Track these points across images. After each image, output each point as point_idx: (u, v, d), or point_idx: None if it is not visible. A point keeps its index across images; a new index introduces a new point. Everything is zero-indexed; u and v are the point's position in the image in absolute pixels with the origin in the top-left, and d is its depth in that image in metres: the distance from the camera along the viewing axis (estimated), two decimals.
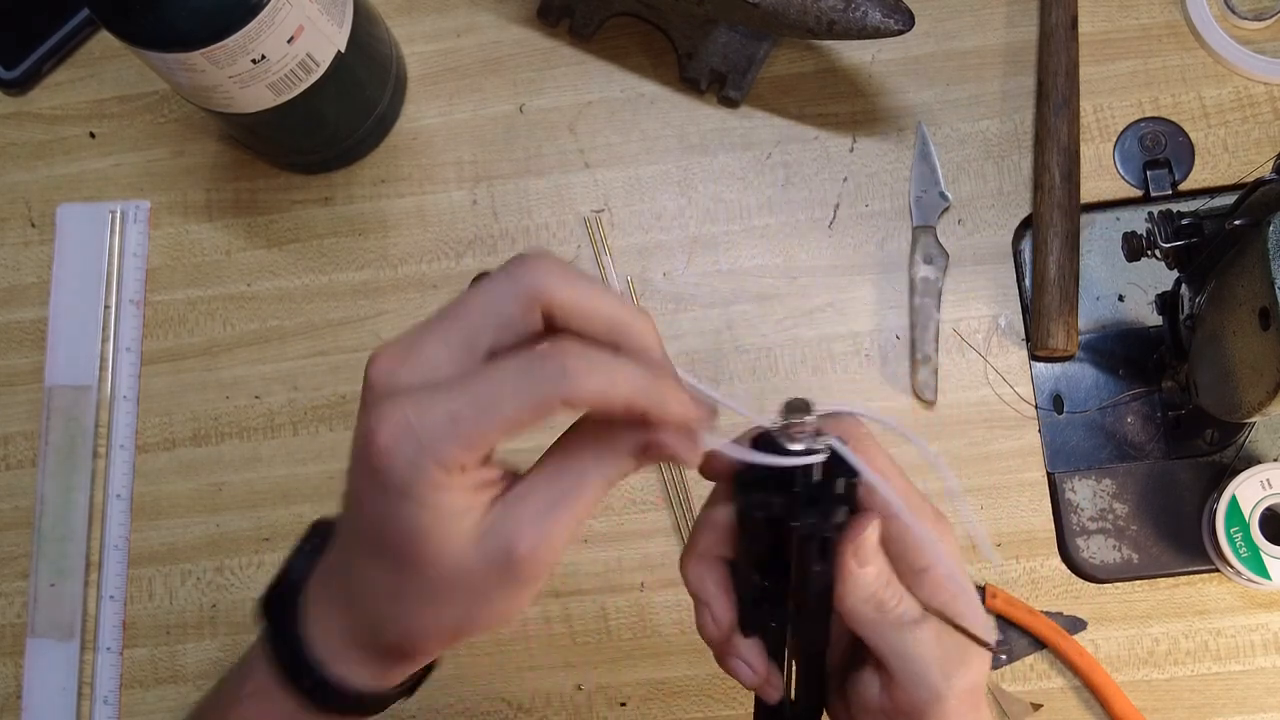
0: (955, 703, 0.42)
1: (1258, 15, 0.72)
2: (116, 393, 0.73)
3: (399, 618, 0.40)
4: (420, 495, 0.37)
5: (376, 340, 0.73)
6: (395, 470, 0.37)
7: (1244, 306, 0.54)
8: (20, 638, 0.72)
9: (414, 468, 0.37)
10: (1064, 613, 0.67)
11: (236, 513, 0.72)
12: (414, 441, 0.37)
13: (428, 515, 0.38)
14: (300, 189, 0.75)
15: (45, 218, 0.76)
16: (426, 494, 0.37)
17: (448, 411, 0.37)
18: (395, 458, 0.37)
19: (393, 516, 0.38)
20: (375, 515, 0.39)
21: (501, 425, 0.37)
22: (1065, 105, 0.70)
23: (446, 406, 0.37)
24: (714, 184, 0.73)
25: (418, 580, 0.39)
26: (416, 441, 0.37)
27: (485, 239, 0.73)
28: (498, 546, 0.38)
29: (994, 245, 0.71)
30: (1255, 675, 0.66)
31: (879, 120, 0.73)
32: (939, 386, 0.70)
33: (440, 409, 0.37)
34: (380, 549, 0.40)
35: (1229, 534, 0.64)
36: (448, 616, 0.40)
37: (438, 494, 0.37)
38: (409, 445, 0.37)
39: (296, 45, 0.62)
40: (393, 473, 0.37)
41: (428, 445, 0.36)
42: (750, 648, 0.44)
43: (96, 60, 0.78)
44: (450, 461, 0.37)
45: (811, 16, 0.65)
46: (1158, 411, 0.69)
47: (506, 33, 0.76)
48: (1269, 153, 0.70)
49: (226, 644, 0.71)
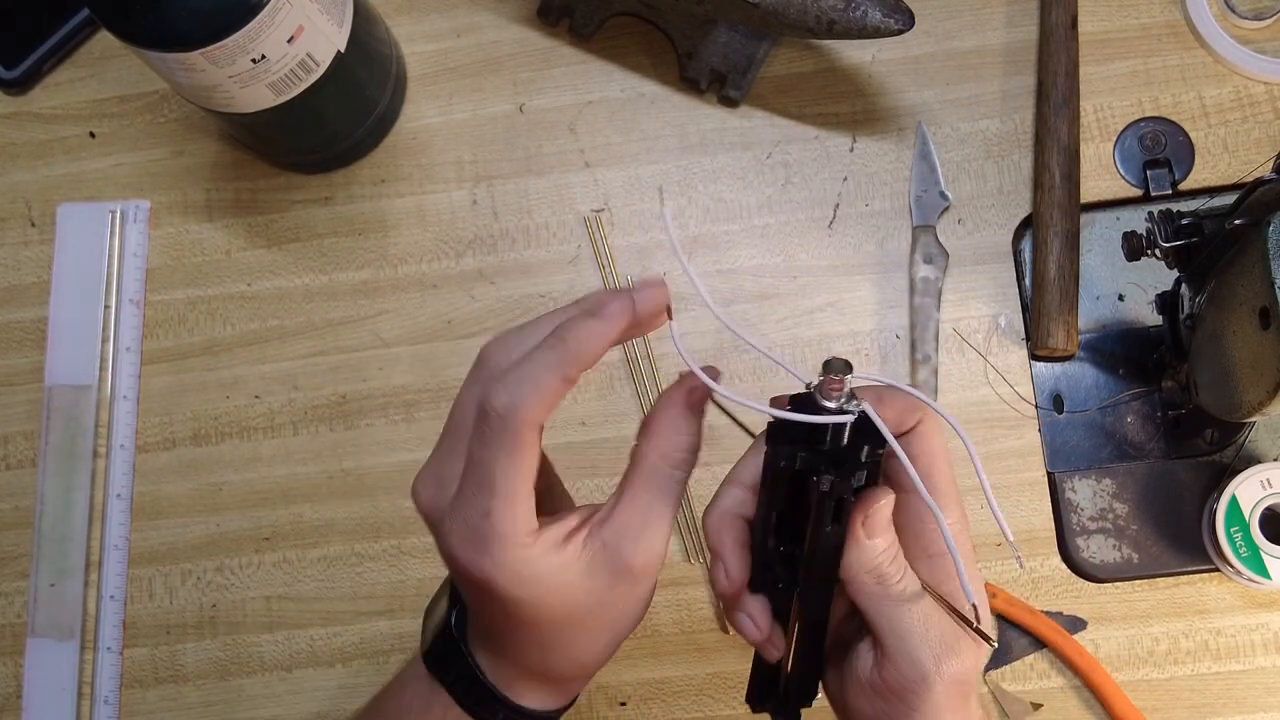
0: (942, 688, 0.43)
1: (1258, 15, 0.72)
2: (116, 393, 0.73)
3: (559, 662, 0.45)
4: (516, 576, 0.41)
5: (377, 340, 0.73)
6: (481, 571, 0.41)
7: (1244, 306, 0.54)
8: (20, 638, 0.72)
9: (495, 563, 0.41)
10: (1064, 612, 0.67)
11: (236, 513, 0.72)
12: (478, 540, 0.41)
13: (530, 586, 0.42)
14: (300, 189, 0.75)
15: (45, 218, 0.76)
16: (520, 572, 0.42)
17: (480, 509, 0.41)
18: (474, 563, 0.42)
19: (509, 601, 0.42)
20: (493, 605, 0.43)
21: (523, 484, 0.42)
22: (1065, 105, 0.70)
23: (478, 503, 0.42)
24: (714, 183, 0.73)
25: (557, 627, 0.43)
26: (481, 539, 0.41)
27: (485, 239, 0.74)
28: (615, 568, 0.42)
29: (994, 245, 0.71)
30: (1255, 675, 0.66)
31: (879, 120, 0.73)
32: (939, 386, 0.70)
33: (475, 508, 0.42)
34: (515, 625, 0.43)
35: (1229, 534, 0.64)
36: (601, 641, 0.44)
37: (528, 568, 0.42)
38: (476, 544, 0.41)
39: (296, 45, 0.62)
40: (481, 574, 0.42)
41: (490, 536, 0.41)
42: (757, 605, 0.45)
43: (96, 60, 0.78)
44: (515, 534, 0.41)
45: (811, 16, 0.65)
46: (1158, 411, 0.69)
47: (506, 32, 0.76)
48: (1269, 152, 0.70)
49: (226, 644, 0.71)
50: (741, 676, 0.68)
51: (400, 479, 0.72)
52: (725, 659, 0.69)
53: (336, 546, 0.71)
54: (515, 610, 0.42)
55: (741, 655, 0.68)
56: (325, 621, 0.71)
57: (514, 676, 0.45)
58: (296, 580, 0.71)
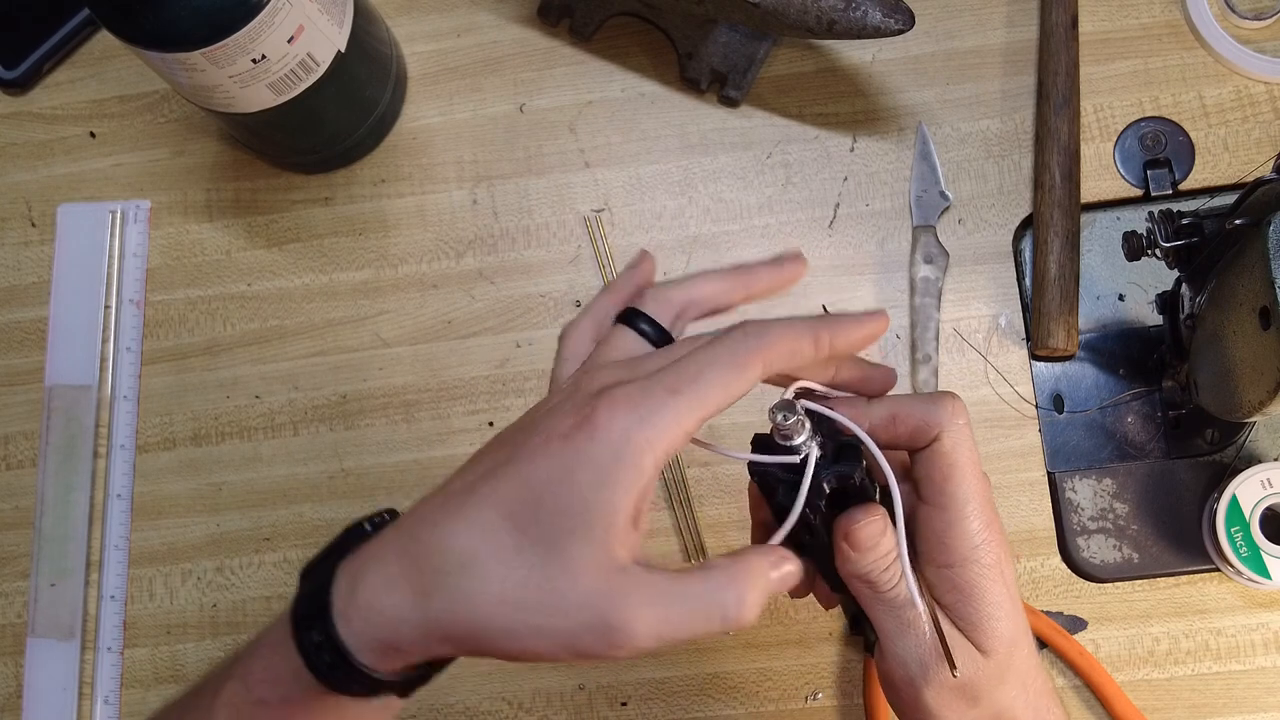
0: (932, 693, 0.43)
1: (1258, 15, 0.72)
2: (117, 392, 0.73)
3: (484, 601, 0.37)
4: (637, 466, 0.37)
5: (377, 340, 0.73)
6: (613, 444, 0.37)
7: (1244, 306, 0.54)
8: (21, 638, 0.72)
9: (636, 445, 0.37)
10: (1064, 612, 0.67)
11: (237, 513, 0.72)
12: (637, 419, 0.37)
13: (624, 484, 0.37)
14: (300, 189, 0.75)
15: (45, 218, 0.76)
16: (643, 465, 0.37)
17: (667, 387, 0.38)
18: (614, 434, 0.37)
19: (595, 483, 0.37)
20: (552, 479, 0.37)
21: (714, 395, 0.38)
22: (1065, 105, 0.70)
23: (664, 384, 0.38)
24: (714, 184, 0.73)
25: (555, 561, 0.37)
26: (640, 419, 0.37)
27: (485, 239, 0.74)
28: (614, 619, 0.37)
29: (994, 245, 0.71)
30: (1255, 675, 0.66)
31: (879, 120, 0.73)
32: (939, 386, 0.70)
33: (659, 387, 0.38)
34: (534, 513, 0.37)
35: (1229, 533, 0.64)
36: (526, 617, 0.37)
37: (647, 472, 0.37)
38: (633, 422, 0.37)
39: (296, 45, 0.62)
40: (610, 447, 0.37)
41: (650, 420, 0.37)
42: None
43: (96, 60, 0.78)
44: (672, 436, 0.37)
45: (812, 16, 0.65)
46: (1158, 411, 0.69)
47: (506, 33, 0.76)
48: (1269, 152, 0.70)
49: (227, 644, 0.71)
50: (742, 676, 0.68)
51: (400, 479, 0.72)
52: (726, 659, 0.69)
53: None
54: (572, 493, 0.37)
55: (741, 656, 0.68)
56: None
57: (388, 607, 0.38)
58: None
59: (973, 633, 0.44)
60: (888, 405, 0.45)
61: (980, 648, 0.44)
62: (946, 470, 0.44)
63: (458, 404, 0.72)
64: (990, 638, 0.43)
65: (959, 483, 0.44)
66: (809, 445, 0.42)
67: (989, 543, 0.44)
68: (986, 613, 0.43)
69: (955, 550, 0.44)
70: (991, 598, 0.43)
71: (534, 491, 0.37)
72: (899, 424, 0.44)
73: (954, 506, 0.44)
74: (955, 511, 0.44)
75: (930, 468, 0.44)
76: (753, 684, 0.68)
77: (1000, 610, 0.43)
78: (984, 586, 0.43)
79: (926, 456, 0.44)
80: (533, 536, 0.37)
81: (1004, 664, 0.44)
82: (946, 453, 0.44)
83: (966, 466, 0.44)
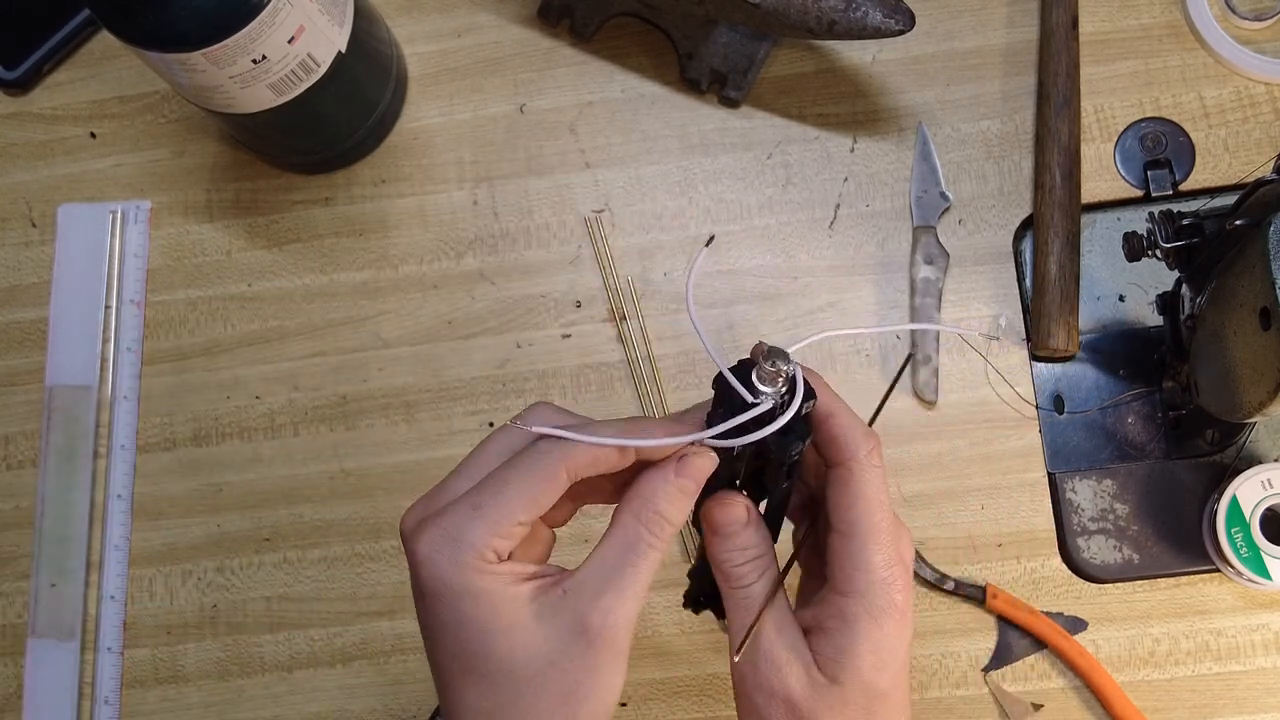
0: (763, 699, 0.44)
1: (1258, 15, 0.72)
2: (117, 393, 0.73)
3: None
4: (468, 587, 0.40)
5: (377, 340, 0.73)
6: (440, 576, 0.40)
7: (1244, 306, 0.54)
8: (21, 638, 0.72)
9: (455, 565, 0.40)
10: (1065, 613, 0.67)
11: (237, 513, 0.72)
12: (448, 540, 0.40)
13: (483, 606, 0.40)
14: (301, 189, 0.75)
15: (46, 218, 0.76)
16: (473, 583, 0.40)
17: (469, 504, 0.41)
18: (436, 565, 0.41)
19: (454, 622, 0.41)
20: (444, 634, 0.41)
21: (521, 503, 0.41)
22: (1066, 105, 0.70)
23: (468, 501, 0.41)
24: (714, 184, 0.73)
25: (505, 682, 0.41)
26: (450, 540, 0.40)
27: (486, 239, 0.74)
28: (570, 623, 0.41)
29: (994, 245, 0.71)
30: (1255, 675, 0.66)
31: (879, 120, 0.73)
32: (940, 387, 0.70)
33: (463, 506, 0.41)
34: (463, 667, 0.42)
35: (1229, 534, 0.64)
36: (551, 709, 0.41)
37: (483, 580, 0.40)
38: (445, 546, 0.40)
39: (297, 45, 0.62)
40: (438, 580, 0.40)
41: (460, 539, 0.40)
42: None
43: (97, 60, 0.78)
44: (483, 545, 0.40)
45: (812, 17, 0.65)
46: (1158, 411, 0.69)
47: (507, 33, 0.76)
48: (1269, 153, 0.70)
49: (227, 644, 0.71)
50: None
51: (401, 479, 0.72)
52: (726, 659, 0.69)
53: (337, 547, 0.71)
54: (461, 635, 0.41)
55: None
56: (325, 622, 0.71)
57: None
58: (297, 580, 0.71)
59: (835, 659, 0.43)
60: (832, 404, 0.45)
61: (831, 677, 0.43)
62: (852, 499, 0.44)
63: (458, 404, 0.72)
64: (846, 672, 0.43)
65: (862, 513, 0.44)
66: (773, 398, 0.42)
67: (887, 585, 0.44)
68: (855, 650, 0.43)
69: (850, 580, 0.44)
70: (867, 641, 0.43)
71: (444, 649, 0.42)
72: (829, 425, 0.44)
73: (856, 536, 0.44)
74: (857, 542, 0.44)
75: (838, 493, 0.44)
76: None
77: (872, 655, 0.43)
78: (863, 627, 0.43)
79: (836, 479, 0.44)
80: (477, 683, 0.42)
81: (851, 701, 0.43)
82: (854, 482, 0.44)
83: (873, 500, 0.44)
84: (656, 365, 0.71)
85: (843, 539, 0.44)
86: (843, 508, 0.44)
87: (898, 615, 0.44)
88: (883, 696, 0.44)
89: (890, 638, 0.43)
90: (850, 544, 0.44)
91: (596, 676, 0.41)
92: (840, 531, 0.44)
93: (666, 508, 0.42)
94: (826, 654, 0.44)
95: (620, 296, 0.72)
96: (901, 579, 0.44)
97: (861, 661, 0.43)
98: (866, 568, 0.43)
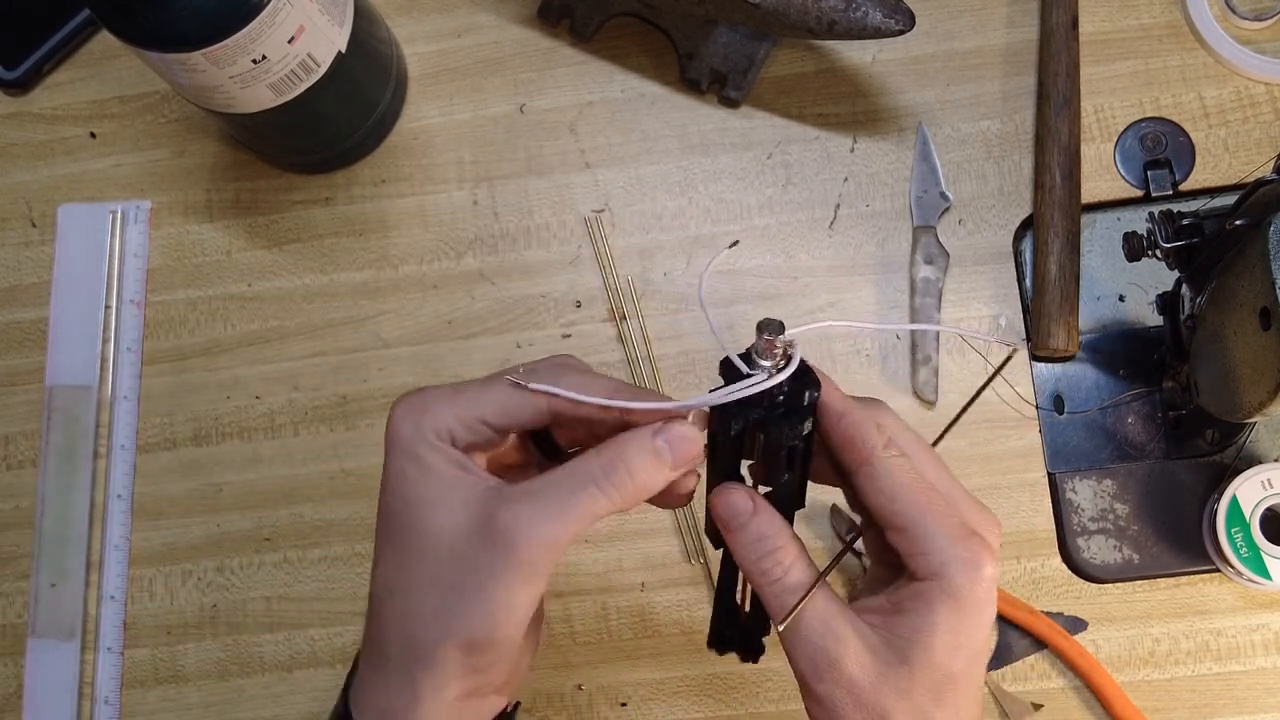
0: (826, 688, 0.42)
1: (1258, 15, 0.72)
2: (117, 393, 0.73)
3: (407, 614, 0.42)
4: (415, 452, 0.42)
5: (377, 340, 0.73)
6: (399, 434, 0.43)
7: (1244, 306, 0.54)
8: (21, 638, 0.72)
9: (414, 428, 0.42)
10: (1064, 613, 0.67)
11: (237, 513, 0.72)
12: (417, 407, 0.43)
13: (422, 473, 0.42)
14: (301, 189, 0.75)
15: (46, 218, 0.76)
16: (420, 451, 0.42)
17: (453, 387, 0.43)
18: (399, 423, 0.43)
19: (395, 479, 0.43)
20: (385, 487, 0.43)
21: (492, 405, 0.43)
22: (1066, 105, 0.70)
23: (452, 385, 0.44)
24: (714, 184, 0.73)
25: (414, 557, 0.42)
26: (419, 408, 0.43)
27: (486, 239, 0.74)
28: (481, 516, 0.41)
29: (994, 245, 0.71)
30: (1255, 675, 0.66)
31: (879, 120, 0.73)
32: (940, 387, 0.70)
33: (446, 387, 0.43)
34: (387, 531, 0.43)
35: (1229, 534, 0.64)
36: (450, 606, 0.41)
37: (430, 453, 0.42)
38: (413, 411, 0.43)
39: (297, 45, 0.62)
40: (396, 436, 0.43)
41: (426, 409, 0.43)
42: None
43: (97, 60, 0.78)
44: (441, 422, 0.42)
45: (812, 17, 0.65)
46: (1158, 411, 0.69)
47: (507, 33, 0.76)
48: (1269, 153, 0.70)
49: (227, 644, 0.71)
50: (742, 676, 0.68)
51: None
52: (726, 659, 0.68)
53: (337, 547, 0.71)
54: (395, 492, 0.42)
55: None
56: (325, 621, 0.71)
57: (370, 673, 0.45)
58: (297, 580, 0.71)
59: (908, 638, 0.42)
60: (842, 404, 0.44)
61: (902, 656, 0.42)
62: (890, 494, 0.42)
63: None
64: (917, 651, 0.41)
65: (906, 503, 0.42)
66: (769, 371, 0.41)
67: (963, 564, 0.41)
68: (930, 629, 0.41)
69: (923, 566, 0.42)
70: (944, 621, 0.41)
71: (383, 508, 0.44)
72: (842, 426, 0.43)
73: (909, 526, 0.42)
74: (912, 531, 0.42)
75: (874, 493, 0.43)
76: (753, 684, 0.68)
77: (948, 634, 0.41)
78: (940, 607, 0.41)
79: (866, 480, 0.43)
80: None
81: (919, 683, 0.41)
82: (881, 478, 0.43)
83: (911, 486, 0.42)
84: (656, 365, 0.71)
85: (899, 534, 0.42)
86: (885, 506, 0.42)
87: (980, 594, 0.41)
88: (953, 682, 0.41)
89: (969, 619, 0.41)
90: (907, 536, 0.42)
91: (485, 578, 0.41)
92: (895, 527, 0.42)
93: (633, 462, 0.41)
94: (901, 633, 0.42)
95: (620, 296, 0.72)
96: (979, 555, 0.41)
97: (936, 640, 0.41)
98: (935, 549, 0.41)
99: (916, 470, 0.43)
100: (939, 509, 0.42)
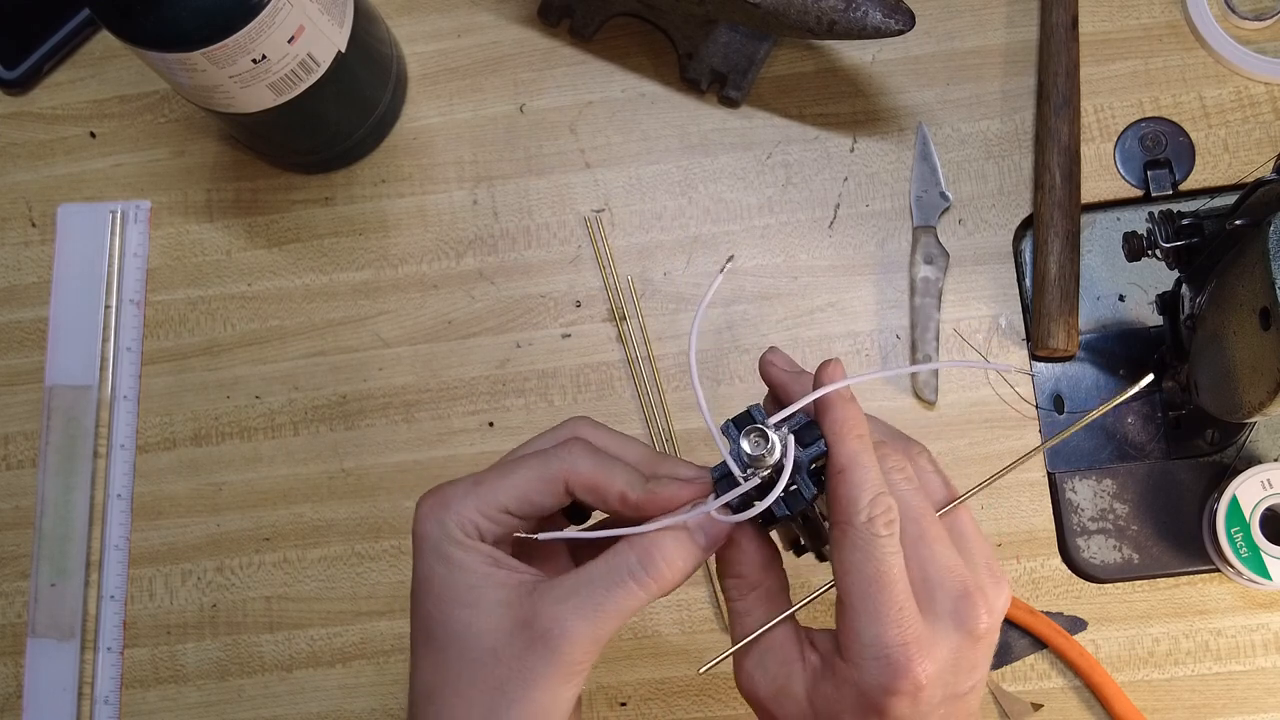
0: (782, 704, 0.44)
1: (1258, 15, 0.72)
2: (117, 393, 0.73)
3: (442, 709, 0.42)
4: (444, 551, 0.42)
5: (377, 340, 0.73)
6: (426, 534, 0.43)
7: (1244, 306, 0.54)
8: (20, 638, 0.72)
9: (439, 526, 0.42)
10: (1064, 613, 0.67)
11: (237, 513, 0.72)
12: (441, 504, 0.43)
13: (453, 574, 0.42)
14: (300, 189, 0.75)
15: (46, 218, 0.76)
16: (449, 550, 0.42)
17: (473, 479, 0.43)
18: (425, 522, 0.43)
19: (426, 581, 0.43)
20: (417, 589, 0.43)
21: (512, 494, 0.42)
22: (1066, 105, 0.70)
23: (473, 477, 0.43)
24: (714, 184, 0.73)
25: (453, 659, 0.42)
26: (443, 504, 0.43)
27: (486, 239, 0.74)
28: (521, 617, 0.41)
29: (994, 245, 0.71)
30: (1255, 675, 0.66)
31: (879, 120, 0.73)
32: (939, 387, 0.70)
33: (467, 479, 0.43)
34: (424, 633, 0.43)
35: (1229, 534, 0.64)
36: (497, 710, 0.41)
37: (459, 551, 0.42)
38: (437, 508, 0.43)
39: (297, 45, 0.62)
40: (424, 536, 0.43)
41: (450, 505, 0.42)
42: None
43: (97, 60, 0.78)
44: (466, 518, 0.42)
45: (812, 17, 0.65)
46: (1158, 411, 0.69)
47: (506, 33, 0.76)
48: (1269, 153, 0.70)
49: (227, 644, 0.71)
50: None
51: (400, 479, 0.72)
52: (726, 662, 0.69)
53: (337, 546, 0.71)
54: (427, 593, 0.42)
55: None
56: (325, 621, 0.71)
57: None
58: (297, 580, 0.71)
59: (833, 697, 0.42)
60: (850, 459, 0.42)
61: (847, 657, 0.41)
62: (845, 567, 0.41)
63: (458, 404, 0.72)
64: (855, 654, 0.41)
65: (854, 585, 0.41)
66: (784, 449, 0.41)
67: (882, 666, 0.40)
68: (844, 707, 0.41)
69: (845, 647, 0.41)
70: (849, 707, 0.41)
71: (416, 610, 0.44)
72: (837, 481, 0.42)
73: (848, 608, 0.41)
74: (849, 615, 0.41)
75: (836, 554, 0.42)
76: None
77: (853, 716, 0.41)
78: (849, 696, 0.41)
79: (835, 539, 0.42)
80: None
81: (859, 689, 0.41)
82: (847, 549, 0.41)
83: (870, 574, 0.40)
84: (656, 365, 0.71)
85: (839, 606, 0.41)
86: (839, 575, 0.41)
87: (892, 701, 0.40)
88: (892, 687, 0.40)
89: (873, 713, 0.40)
90: (843, 613, 0.41)
91: (530, 679, 0.41)
92: (840, 598, 0.41)
93: (669, 553, 0.42)
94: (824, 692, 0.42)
95: (620, 296, 0.72)
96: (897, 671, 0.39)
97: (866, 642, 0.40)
98: (856, 644, 0.40)
99: (882, 557, 0.40)
100: (883, 610, 0.40)
